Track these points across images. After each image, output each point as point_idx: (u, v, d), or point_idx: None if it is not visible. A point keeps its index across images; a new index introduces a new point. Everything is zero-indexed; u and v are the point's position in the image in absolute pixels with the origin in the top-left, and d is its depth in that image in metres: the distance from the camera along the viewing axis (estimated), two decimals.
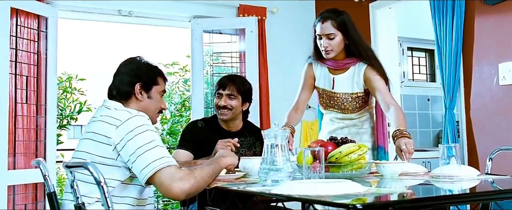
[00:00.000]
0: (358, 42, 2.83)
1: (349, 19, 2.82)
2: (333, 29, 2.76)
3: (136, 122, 1.93)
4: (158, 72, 2.22)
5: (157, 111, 2.23)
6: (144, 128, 1.92)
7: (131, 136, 1.89)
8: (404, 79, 5.91)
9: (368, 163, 2.05)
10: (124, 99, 2.13)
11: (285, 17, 5.24)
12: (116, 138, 1.91)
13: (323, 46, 2.79)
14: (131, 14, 4.68)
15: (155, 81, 2.19)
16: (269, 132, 1.91)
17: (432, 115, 6.12)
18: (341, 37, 2.78)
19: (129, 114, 1.97)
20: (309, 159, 1.81)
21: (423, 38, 5.74)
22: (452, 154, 1.90)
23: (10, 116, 3.95)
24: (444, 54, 3.93)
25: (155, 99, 2.19)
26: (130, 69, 2.16)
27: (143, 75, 2.15)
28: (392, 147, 4.39)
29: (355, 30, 2.83)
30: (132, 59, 2.22)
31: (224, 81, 3.02)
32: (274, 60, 5.06)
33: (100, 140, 1.95)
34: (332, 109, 3.00)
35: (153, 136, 1.92)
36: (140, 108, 2.11)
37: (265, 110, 4.93)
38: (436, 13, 3.99)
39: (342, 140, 2.12)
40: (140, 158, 1.86)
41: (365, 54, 2.84)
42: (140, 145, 1.88)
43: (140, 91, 2.13)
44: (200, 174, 1.91)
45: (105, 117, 2.00)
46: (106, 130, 1.95)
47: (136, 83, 2.13)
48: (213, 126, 3.05)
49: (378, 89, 2.82)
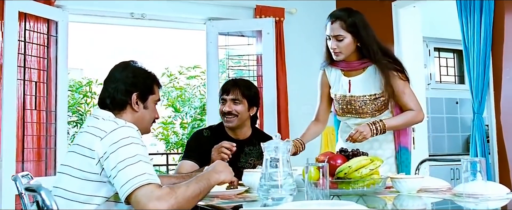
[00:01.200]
0: (369, 44, 2.62)
1: (361, 19, 2.63)
2: (342, 31, 2.59)
3: (121, 134, 1.76)
4: (154, 79, 2.05)
5: (151, 121, 2.07)
6: (129, 141, 1.75)
7: (114, 149, 1.72)
8: (431, 81, 5.64)
9: (382, 178, 1.83)
10: (118, 109, 1.96)
11: (304, 18, 5.03)
12: (100, 150, 1.75)
13: (331, 47, 2.64)
14: (144, 17, 4.55)
15: (152, 90, 2.02)
16: (269, 145, 1.72)
17: (461, 118, 5.82)
18: (351, 38, 2.61)
19: (115, 125, 1.80)
20: (314, 175, 1.61)
21: (451, 38, 5.44)
22: (477, 170, 1.68)
23: (19, 123, 3.86)
24: (472, 55, 3.67)
25: (150, 109, 2.03)
26: (126, 76, 1.97)
27: (140, 84, 1.98)
28: (415, 148, 4.23)
29: (368, 31, 2.63)
30: (127, 65, 2.03)
31: (227, 85, 2.85)
32: (293, 62, 4.86)
33: (84, 153, 1.79)
34: (350, 115, 2.78)
35: (137, 150, 1.74)
36: (135, 119, 1.95)
37: (283, 115, 4.73)
38: (462, 11, 3.74)
39: (353, 152, 1.91)
40: (121, 174, 1.69)
41: (376, 57, 2.63)
42: (122, 159, 1.70)
43: (136, 101, 1.97)
44: (183, 194, 1.68)
45: (91, 128, 1.83)
46: (90, 142, 1.78)
47: (133, 92, 1.95)
48: (219, 135, 2.86)
49: (403, 94, 2.66)
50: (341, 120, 2.88)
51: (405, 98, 2.67)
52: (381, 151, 2.77)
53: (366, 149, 2.69)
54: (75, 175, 1.79)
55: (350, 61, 2.72)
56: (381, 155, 2.73)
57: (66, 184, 1.81)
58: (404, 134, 2.81)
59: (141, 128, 1.96)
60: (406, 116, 2.68)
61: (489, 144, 3.73)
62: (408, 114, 2.68)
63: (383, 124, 2.58)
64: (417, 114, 2.70)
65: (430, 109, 5.55)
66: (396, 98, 2.70)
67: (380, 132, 2.59)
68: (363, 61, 2.70)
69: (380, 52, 2.64)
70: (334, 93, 2.81)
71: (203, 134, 2.91)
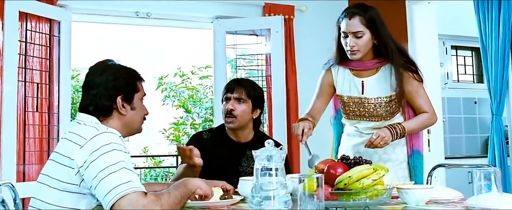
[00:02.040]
0: (387, 42, 2.46)
1: (378, 15, 2.47)
2: (361, 26, 2.41)
3: (102, 140, 1.65)
4: (136, 76, 1.93)
5: (142, 120, 1.96)
6: (111, 147, 1.64)
7: (95, 157, 1.61)
8: (448, 80, 5.44)
9: (387, 189, 1.67)
10: (103, 115, 1.83)
11: (315, 15, 4.86)
12: (79, 160, 1.63)
13: (349, 45, 2.44)
14: (149, 16, 4.42)
15: (135, 88, 1.91)
16: (261, 153, 1.57)
17: (480, 119, 5.60)
18: (369, 35, 2.43)
19: (95, 131, 1.69)
20: (309, 186, 1.46)
21: (469, 36, 5.22)
22: (491, 181, 1.51)
23: (20, 125, 3.76)
24: (490, 53, 3.49)
25: (139, 108, 1.92)
26: (106, 80, 1.84)
27: (122, 85, 1.85)
28: (431, 150, 4.06)
29: (385, 28, 2.47)
30: (105, 66, 1.89)
31: (232, 84, 2.73)
32: (303, 62, 4.69)
33: (63, 162, 1.68)
34: (361, 118, 2.60)
35: (120, 157, 1.63)
36: (123, 123, 1.85)
37: (293, 116, 4.56)
38: (480, 7, 3.55)
39: (355, 160, 1.75)
40: (103, 183, 1.58)
41: (393, 55, 2.46)
42: (104, 167, 1.59)
43: (122, 104, 1.84)
44: (168, 201, 1.61)
45: (71, 135, 1.72)
46: (69, 150, 1.67)
47: (117, 96, 1.83)
48: (220, 137, 2.74)
49: (417, 95, 2.52)
50: (350, 124, 2.70)
51: (419, 100, 2.53)
52: (394, 155, 2.61)
53: (380, 153, 2.57)
54: (53, 185, 1.68)
55: (364, 61, 2.54)
56: (395, 159, 2.59)
57: (44, 196, 1.70)
58: (416, 137, 2.64)
59: (132, 130, 1.89)
60: (422, 118, 2.53)
61: (508, 145, 3.54)
62: (423, 116, 2.54)
63: (402, 127, 2.42)
64: (431, 116, 2.55)
65: (447, 109, 5.35)
66: (410, 100, 2.55)
67: (400, 136, 2.43)
68: (379, 60, 2.53)
69: (397, 51, 2.48)
70: (343, 95, 2.62)
71: (203, 137, 2.79)
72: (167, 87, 8.23)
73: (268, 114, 4.62)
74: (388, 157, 2.58)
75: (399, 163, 2.59)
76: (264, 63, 4.72)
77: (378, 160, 2.55)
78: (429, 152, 4.00)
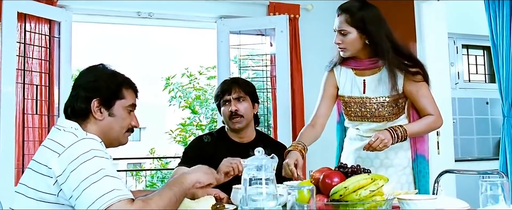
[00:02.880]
0: (379, 41, 2.35)
1: (373, 14, 2.37)
2: (345, 25, 2.35)
3: (81, 148, 1.55)
4: (122, 82, 1.80)
5: (124, 131, 1.81)
6: (91, 155, 1.54)
7: (75, 166, 1.52)
8: (459, 80, 5.29)
9: (387, 200, 1.56)
10: (81, 118, 1.72)
11: (321, 14, 4.73)
12: (57, 169, 1.54)
13: (335, 42, 2.42)
14: (151, 16, 4.34)
15: (118, 95, 1.77)
16: (250, 162, 1.47)
17: (492, 120, 5.44)
18: (356, 34, 2.36)
19: (74, 138, 1.59)
20: (300, 197, 1.36)
21: (480, 34, 5.05)
22: (498, 193, 1.40)
23: (19, 128, 3.70)
24: (501, 53, 3.36)
25: (119, 117, 1.77)
26: (87, 81, 1.75)
27: (102, 88, 1.74)
28: (440, 153, 3.93)
29: (379, 27, 2.36)
30: (92, 68, 1.80)
31: (227, 85, 2.67)
32: (309, 62, 4.57)
33: (41, 171, 1.58)
34: (363, 119, 2.50)
35: (101, 164, 1.54)
36: (100, 129, 1.73)
37: (299, 118, 4.45)
38: (490, 6, 3.42)
39: (352, 169, 1.64)
40: (85, 194, 1.49)
41: (387, 55, 2.35)
42: (85, 177, 1.50)
43: (98, 108, 1.72)
44: (157, 204, 1.52)
45: (50, 142, 1.62)
46: (47, 158, 1.57)
47: (93, 98, 1.71)
48: (222, 139, 2.68)
49: (419, 96, 2.40)
50: (352, 126, 2.60)
51: (422, 101, 2.40)
52: (397, 160, 2.49)
53: (382, 158, 2.48)
54: (30, 195, 1.59)
55: (360, 59, 2.47)
56: (398, 164, 2.48)
57: (20, 206, 1.61)
58: (421, 141, 2.51)
59: (110, 139, 1.76)
60: (426, 121, 2.41)
61: None
62: (428, 119, 2.41)
63: (404, 130, 2.30)
64: (437, 119, 2.43)
65: (458, 110, 5.21)
66: (413, 101, 2.43)
67: (401, 139, 2.31)
68: (374, 60, 2.44)
69: (392, 51, 2.36)
70: (345, 95, 2.53)
71: (203, 140, 2.72)
72: (174, 88, 8.16)
73: (272, 115, 4.52)
74: (391, 163, 2.48)
75: (402, 168, 2.48)
76: (268, 64, 4.62)
77: (379, 165, 2.46)
78: (438, 155, 3.88)
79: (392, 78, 2.35)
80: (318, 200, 1.59)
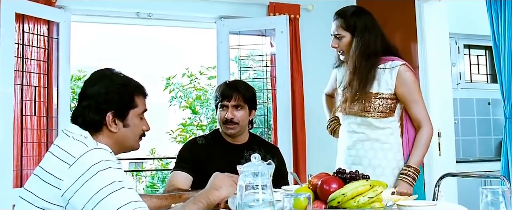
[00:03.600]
0: (367, 47, 2.47)
1: (365, 19, 2.52)
2: (340, 29, 2.54)
3: (91, 159, 1.51)
4: (133, 91, 1.75)
5: (138, 138, 1.79)
6: (104, 165, 1.51)
7: (86, 178, 1.48)
8: (460, 80, 5.25)
9: (386, 207, 1.53)
10: (92, 129, 1.68)
11: (322, 15, 4.69)
12: (67, 180, 1.50)
13: (331, 45, 2.60)
14: (150, 17, 4.31)
15: (131, 105, 1.73)
16: (247, 169, 1.44)
17: (494, 120, 5.41)
18: (350, 38, 2.52)
19: (84, 148, 1.55)
20: (298, 204, 1.33)
21: (482, 34, 5.01)
22: (499, 201, 1.37)
23: (17, 130, 3.67)
24: (502, 53, 3.33)
25: (133, 126, 1.75)
26: (98, 92, 1.69)
27: (115, 100, 1.69)
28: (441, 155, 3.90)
29: (369, 34, 2.49)
30: (101, 76, 1.74)
31: (227, 90, 2.63)
32: (309, 63, 4.55)
33: (49, 181, 1.53)
34: (351, 112, 2.53)
35: (114, 176, 1.50)
36: (113, 141, 1.70)
37: (299, 120, 4.42)
38: (492, 6, 3.38)
39: (351, 175, 1.61)
40: (100, 206, 1.45)
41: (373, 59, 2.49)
42: (100, 188, 1.47)
43: (113, 120, 1.69)
44: None
45: (58, 150, 1.57)
46: (56, 168, 1.53)
47: (107, 111, 1.68)
48: (216, 141, 2.68)
49: (411, 101, 2.47)
50: (342, 119, 2.65)
51: (414, 108, 2.47)
52: (386, 161, 2.50)
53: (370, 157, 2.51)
54: (36, 204, 1.54)
55: None
56: (387, 166, 2.50)
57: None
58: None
59: (125, 147, 1.75)
60: (423, 141, 2.45)
61: None
62: (423, 138, 2.45)
63: (414, 169, 2.39)
64: (429, 130, 2.47)
65: (459, 110, 5.17)
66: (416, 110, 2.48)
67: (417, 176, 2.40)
68: None
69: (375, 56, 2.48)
70: (338, 88, 2.69)
71: (197, 143, 2.70)
72: (174, 88, 8.14)
73: (272, 117, 4.49)
74: (379, 163, 2.50)
75: (391, 170, 2.49)
76: (269, 64, 4.59)
77: (368, 165, 2.49)
78: (439, 156, 3.84)
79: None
80: (315, 206, 1.56)
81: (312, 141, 4.39)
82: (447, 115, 4.00)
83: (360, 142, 2.52)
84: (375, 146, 2.49)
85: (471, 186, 3.74)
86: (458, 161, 4.29)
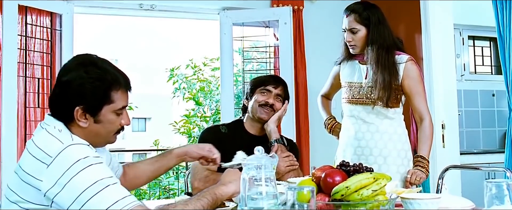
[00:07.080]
0: (377, 40, 2.53)
1: (377, 13, 2.59)
2: (356, 24, 2.57)
3: (69, 158, 1.44)
4: (110, 85, 1.59)
5: (113, 133, 1.66)
6: (82, 165, 1.44)
7: (67, 180, 1.42)
8: (465, 72, 5.23)
9: (389, 200, 1.53)
10: (64, 120, 1.57)
11: (326, 6, 4.68)
12: (47, 182, 1.43)
13: (346, 40, 2.62)
14: (153, 8, 4.30)
15: (105, 100, 1.58)
16: (250, 161, 1.43)
17: (498, 112, 5.39)
18: (365, 31, 2.57)
19: (60, 145, 1.47)
20: (301, 196, 1.32)
21: (487, 26, 4.99)
22: (504, 194, 1.36)
23: (21, 121, 3.68)
24: (507, 44, 3.30)
25: (107, 122, 1.61)
26: (69, 83, 1.54)
27: (87, 95, 1.54)
28: (445, 146, 3.89)
29: (384, 27, 2.57)
30: (77, 65, 1.57)
31: (275, 80, 2.66)
32: (313, 55, 4.53)
33: (28, 181, 1.47)
34: (358, 102, 2.60)
35: (95, 174, 1.44)
36: (85, 134, 1.58)
37: (303, 112, 4.42)
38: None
39: (354, 168, 1.61)
40: (89, 206, 1.41)
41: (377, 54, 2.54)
42: (81, 191, 1.41)
43: (83, 115, 1.56)
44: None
45: (34, 149, 1.49)
46: (34, 169, 1.46)
47: (76, 106, 1.54)
48: (238, 131, 2.61)
49: (416, 93, 2.54)
50: (349, 110, 2.69)
51: (417, 99, 2.55)
52: (395, 151, 2.57)
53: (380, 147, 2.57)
54: (21, 205, 1.50)
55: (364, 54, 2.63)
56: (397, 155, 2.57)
57: None
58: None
59: (98, 142, 1.65)
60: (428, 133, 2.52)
61: None
62: (427, 130, 2.52)
63: (426, 161, 2.48)
64: (431, 122, 2.56)
65: (463, 102, 5.16)
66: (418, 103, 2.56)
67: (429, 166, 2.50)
68: None
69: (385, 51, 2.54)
70: (348, 81, 2.69)
71: (220, 131, 2.61)
72: (178, 79, 8.12)
73: None
74: (389, 153, 2.56)
75: (400, 159, 2.56)
76: (272, 55, 4.57)
77: (378, 154, 2.56)
78: (443, 148, 3.83)
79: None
80: (319, 199, 1.56)
81: (316, 133, 4.37)
82: (451, 106, 3.97)
83: (369, 132, 2.58)
84: (384, 136, 2.56)
85: (475, 178, 3.74)
86: (462, 153, 4.28)
